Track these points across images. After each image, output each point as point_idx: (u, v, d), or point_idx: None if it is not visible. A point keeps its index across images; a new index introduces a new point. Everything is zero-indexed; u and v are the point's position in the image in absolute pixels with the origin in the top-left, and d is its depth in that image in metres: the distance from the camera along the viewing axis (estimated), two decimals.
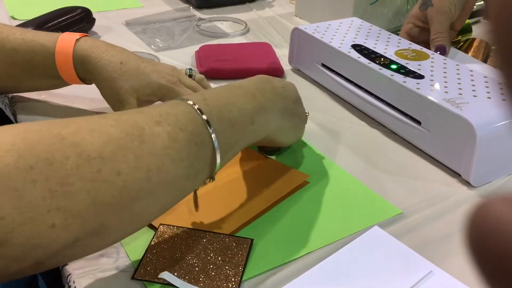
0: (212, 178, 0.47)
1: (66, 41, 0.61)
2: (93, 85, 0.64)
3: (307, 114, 0.61)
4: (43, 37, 0.62)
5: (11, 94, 0.72)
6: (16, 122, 0.68)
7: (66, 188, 0.34)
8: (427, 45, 0.78)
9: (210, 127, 0.44)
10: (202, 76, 0.69)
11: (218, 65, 0.80)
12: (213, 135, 0.44)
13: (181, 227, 0.49)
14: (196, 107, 0.44)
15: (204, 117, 0.44)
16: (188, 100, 0.45)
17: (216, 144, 0.44)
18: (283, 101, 0.55)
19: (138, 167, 0.38)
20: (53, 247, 0.35)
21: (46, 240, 0.34)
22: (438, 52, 0.75)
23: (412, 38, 0.80)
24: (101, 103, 0.65)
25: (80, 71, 0.62)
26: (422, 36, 0.81)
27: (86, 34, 0.64)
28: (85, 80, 0.64)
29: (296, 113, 0.58)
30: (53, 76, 0.63)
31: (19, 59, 0.62)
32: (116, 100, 0.61)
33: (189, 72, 0.66)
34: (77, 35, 0.62)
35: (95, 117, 0.40)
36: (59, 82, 0.65)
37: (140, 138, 0.39)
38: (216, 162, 0.45)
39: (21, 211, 0.33)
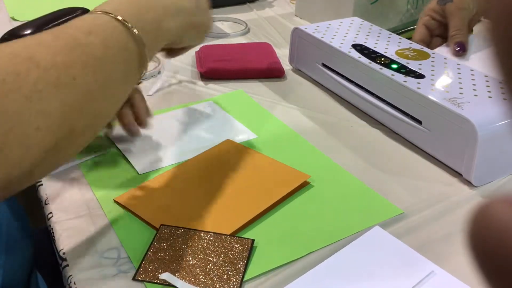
0: (139, 82, 0.53)
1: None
2: None
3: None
4: None
5: None
6: None
7: (38, 94, 0.38)
8: (443, 39, 0.79)
9: (135, 34, 0.48)
10: None
11: (217, 65, 0.80)
12: (141, 41, 0.49)
13: (182, 227, 0.49)
14: (119, 18, 0.48)
15: (128, 24, 0.48)
16: (108, 12, 0.49)
17: (139, 49, 0.49)
18: (185, 2, 0.57)
19: (85, 72, 0.43)
20: (41, 150, 0.39)
21: (34, 142, 0.38)
22: (458, 49, 0.75)
23: (430, 31, 0.81)
24: None
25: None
26: (438, 29, 0.81)
27: None
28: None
29: (201, 10, 0.60)
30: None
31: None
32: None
33: None
34: None
35: (34, 36, 0.44)
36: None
37: (80, 47, 0.43)
38: (141, 66, 0.50)
39: (8, 118, 0.37)
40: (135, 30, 0.49)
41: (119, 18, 0.48)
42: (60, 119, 0.40)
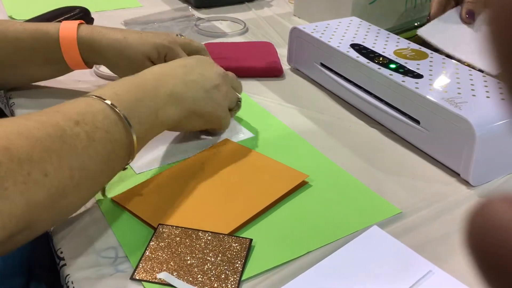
0: (124, 168, 0.52)
1: (68, 27, 0.65)
2: (88, 78, 0.64)
3: (238, 98, 0.65)
4: (45, 25, 0.65)
5: (10, 94, 0.72)
6: None
7: (1, 192, 0.37)
8: (458, 4, 0.80)
9: (128, 124, 0.48)
10: (189, 40, 0.74)
11: (217, 63, 0.80)
12: (131, 130, 0.48)
13: (179, 227, 0.49)
14: (109, 103, 0.47)
15: (120, 113, 0.47)
16: (103, 98, 0.48)
17: (129, 140, 0.48)
18: (192, 91, 0.57)
19: (62, 167, 0.41)
20: None
21: None
22: (467, 16, 0.76)
23: None
24: None
25: (85, 54, 0.66)
26: None
27: (83, 22, 0.67)
28: (88, 63, 0.68)
29: (210, 100, 0.59)
30: (56, 62, 0.66)
31: (22, 47, 0.65)
32: (134, 71, 0.64)
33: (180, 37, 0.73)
34: (76, 22, 0.66)
35: (19, 119, 0.43)
36: (61, 68, 0.68)
37: (62, 139, 0.42)
38: (130, 155, 0.50)
39: None
40: (128, 122, 0.48)
41: (116, 108, 0.47)
42: (21, 216, 0.38)
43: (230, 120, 0.65)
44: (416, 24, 0.90)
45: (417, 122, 0.62)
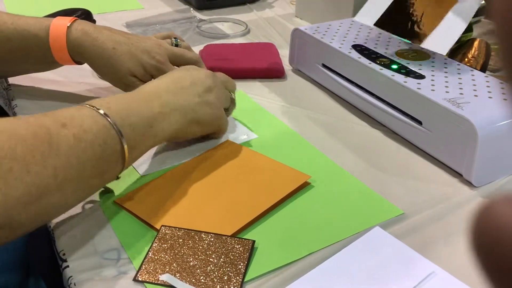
0: (117, 177, 0.51)
1: (58, 29, 0.65)
2: (90, 80, 0.64)
3: (232, 96, 0.64)
4: (34, 26, 0.65)
5: (12, 96, 0.72)
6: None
7: None
8: None
9: (119, 130, 0.48)
10: (187, 44, 0.75)
11: (219, 64, 0.80)
12: (122, 139, 0.48)
13: (182, 228, 0.49)
14: (101, 111, 0.47)
15: (109, 120, 0.47)
16: (93, 106, 0.48)
17: (120, 147, 0.48)
18: (186, 98, 0.57)
19: (45, 166, 0.42)
20: None
21: None
22: None
23: None
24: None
25: (76, 57, 0.66)
26: None
27: (76, 18, 0.67)
28: (79, 62, 0.69)
29: (204, 104, 0.58)
30: (48, 61, 0.67)
31: (14, 47, 0.66)
32: (118, 82, 0.68)
33: (175, 42, 0.73)
34: (67, 21, 0.65)
35: (7, 120, 0.43)
36: (55, 65, 0.70)
37: (48, 140, 0.42)
38: (121, 163, 0.49)
39: None
40: (118, 128, 0.47)
41: (101, 112, 0.47)
42: None
43: (229, 120, 0.65)
44: None
45: (419, 122, 0.62)
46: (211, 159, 0.60)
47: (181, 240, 0.48)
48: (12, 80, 0.76)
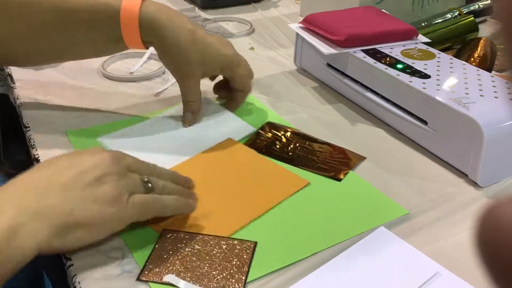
0: None
1: (131, 0, 0.58)
2: (96, 84, 0.63)
3: (146, 182, 0.48)
4: None
5: (18, 95, 0.73)
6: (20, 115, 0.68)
7: None
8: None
9: None
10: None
11: (356, 31, 0.72)
12: None
13: (184, 232, 0.49)
14: None
15: None
16: None
17: None
18: (60, 197, 0.43)
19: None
20: None
21: None
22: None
23: None
24: (106, 101, 0.64)
25: (146, 33, 0.59)
26: None
27: None
28: (145, 44, 0.61)
29: (90, 200, 0.44)
30: (112, 38, 0.60)
31: (78, 19, 0.59)
32: (183, 70, 0.62)
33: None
34: None
35: None
36: (115, 46, 0.62)
37: None
38: None
39: None
40: None
41: None
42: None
43: (231, 117, 0.63)
44: (423, 24, 0.90)
45: (425, 122, 0.62)
46: (211, 159, 0.60)
47: (183, 242, 0.48)
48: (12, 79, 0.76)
